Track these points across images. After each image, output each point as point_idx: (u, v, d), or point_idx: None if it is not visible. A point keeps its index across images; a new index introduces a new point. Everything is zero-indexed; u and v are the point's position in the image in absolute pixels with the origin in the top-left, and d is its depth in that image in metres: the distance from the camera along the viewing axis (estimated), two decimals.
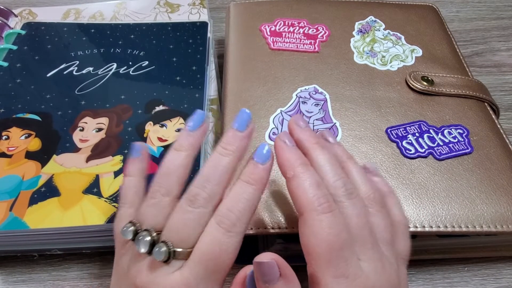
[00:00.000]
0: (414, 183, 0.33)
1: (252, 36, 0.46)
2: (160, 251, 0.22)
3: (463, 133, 0.37)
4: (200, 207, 0.24)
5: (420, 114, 0.38)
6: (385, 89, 0.41)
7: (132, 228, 0.24)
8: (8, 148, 0.37)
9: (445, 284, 0.35)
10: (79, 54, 0.46)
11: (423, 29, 0.47)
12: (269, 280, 0.22)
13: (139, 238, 0.23)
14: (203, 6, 0.54)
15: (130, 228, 0.24)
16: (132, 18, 0.53)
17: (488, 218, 0.32)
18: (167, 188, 0.25)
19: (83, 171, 0.35)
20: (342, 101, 0.39)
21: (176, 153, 0.26)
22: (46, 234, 0.32)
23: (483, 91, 0.41)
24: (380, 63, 0.43)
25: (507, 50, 0.55)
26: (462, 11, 0.61)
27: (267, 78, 0.41)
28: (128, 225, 0.24)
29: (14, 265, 0.35)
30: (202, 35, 0.48)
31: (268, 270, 0.22)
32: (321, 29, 0.47)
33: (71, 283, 0.34)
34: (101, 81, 0.43)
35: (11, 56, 0.45)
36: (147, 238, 0.23)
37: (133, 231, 0.24)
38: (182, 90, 0.42)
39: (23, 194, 0.33)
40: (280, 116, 0.38)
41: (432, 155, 0.35)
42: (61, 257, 0.36)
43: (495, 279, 0.35)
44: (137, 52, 0.46)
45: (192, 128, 0.27)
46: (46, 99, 0.41)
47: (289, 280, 0.23)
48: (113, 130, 0.38)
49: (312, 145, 0.26)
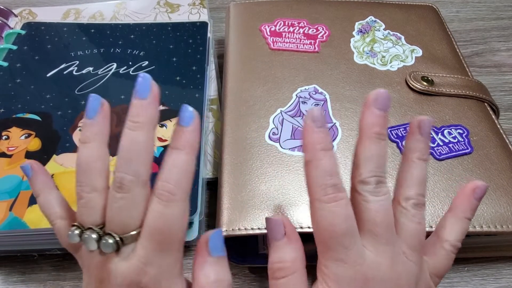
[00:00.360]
0: None
1: (252, 36, 0.46)
2: (107, 244, 0.22)
3: (463, 133, 0.37)
4: (130, 190, 0.23)
5: (420, 114, 0.38)
6: (385, 89, 0.41)
7: (76, 231, 0.24)
8: (8, 148, 0.37)
9: (445, 284, 0.35)
10: (79, 54, 0.46)
11: (423, 29, 0.48)
12: (274, 236, 0.24)
13: (85, 237, 0.23)
14: (203, 6, 0.54)
15: (75, 231, 0.24)
16: (132, 18, 0.53)
17: (488, 218, 0.32)
18: (90, 184, 0.24)
19: None
20: (342, 101, 0.39)
21: (85, 147, 0.24)
22: (46, 234, 0.32)
23: (483, 91, 0.41)
24: (380, 63, 0.43)
25: (507, 50, 0.55)
26: (462, 11, 0.61)
27: (267, 78, 0.41)
28: (72, 229, 0.24)
29: (14, 265, 0.35)
30: (202, 35, 0.48)
31: (274, 227, 0.24)
32: (321, 29, 0.47)
33: (71, 283, 0.34)
34: (101, 81, 0.43)
35: (11, 56, 0.45)
36: (93, 235, 0.23)
37: (79, 234, 0.24)
38: (182, 90, 0.42)
39: (23, 194, 0.33)
40: (280, 116, 0.38)
41: (432, 155, 0.35)
42: (61, 257, 0.36)
43: (495, 279, 0.35)
44: (137, 52, 0.46)
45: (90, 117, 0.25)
46: (46, 99, 0.41)
47: (291, 240, 0.24)
48: (113, 130, 0.38)
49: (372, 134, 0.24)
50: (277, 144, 0.36)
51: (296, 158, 0.35)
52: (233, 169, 0.34)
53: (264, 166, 0.34)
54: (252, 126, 0.37)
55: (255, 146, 0.36)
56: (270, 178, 0.34)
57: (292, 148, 0.36)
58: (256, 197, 0.32)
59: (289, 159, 0.35)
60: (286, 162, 0.35)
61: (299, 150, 0.35)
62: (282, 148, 0.36)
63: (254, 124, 0.37)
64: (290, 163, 0.34)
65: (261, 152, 0.35)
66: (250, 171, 0.34)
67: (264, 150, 0.35)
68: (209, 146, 0.41)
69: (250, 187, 0.33)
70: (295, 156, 0.35)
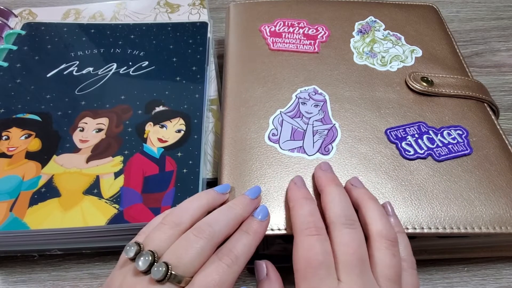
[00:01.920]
0: (413, 184, 0.34)
1: (252, 37, 0.46)
2: (158, 270, 0.23)
3: (463, 134, 0.37)
4: (205, 238, 0.25)
5: (419, 115, 0.38)
6: (385, 90, 0.41)
7: (135, 247, 0.25)
8: (8, 149, 0.37)
9: (445, 284, 0.35)
10: (79, 54, 0.46)
11: (423, 29, 0.47)
12: (258, 276, 0.29)
13: (140, 257, 0.24)
14: (203, 6, 0.54)
15: (134, 247, 0.25)
16: (132, 18, 0.53)
17: (487, 219, 0.32)
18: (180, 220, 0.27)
19: (83, 171, 0.35)
20: (341, 102, 0.39)
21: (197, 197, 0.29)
22: (46, 234, 0.32)
23: (483, 91, 0.41)
24: (380, 63, 0.43)
25: (507, 50, 0.55)
26: (462, 11, 0.61)
27: (267, 78, 0.41)
28: (131, 244, 0.25)
29: (14, 265, 0.35)
30: (202, 35, 0.48)
31: (259, 268, 0.29)
32: (321, 30, 0.47)
33: (71, 283, 0.34)
34: (101, 81, 0.43)
35: (11, 56, 0.45)
36: (147, 257, 0.24)
37: (136, 251, 0.25)
38: (182, 91, 0.42)
39: (23, 195, 0.33)
40: (279, 117, 0.38)
41: (431, 156, 0.35)
42: (61, 257, 0.36)
43: (495, 279, 0.35)
44: (137, 52, 0.46)
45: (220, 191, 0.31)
46: (46, 99, 0.41)
47: (271, 281, 0.28)
48: (113, 130, 0.38)
49: (329, 182, 0.31)
50: (276, 145, 0.36)
51: (296, 159, 0.35)
52: (232, 170, 0.34)
53: (264, 167, 0.34)
54: (252, 127, 0.37)
55: (255, 147, 0.36)
56: (269, 179, 0.34)
57: (292, 149, 0.36)
58: None
59: (288, 160, 0.35)
60: (285, 163, 0.35)
61: (298, 151, 0.35)
62: (281, 149, 0.36)
63: (254, 125, 0.37)
64: (290, 164, 0.35)
65: (260, 153, 0.35)
66: (249, 172, 0.34)
67: (264, 151, 0.35)
68: (209, 146, 0.41)
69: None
70: (295, 157, 0.35)
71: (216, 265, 0.25)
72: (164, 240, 0.26)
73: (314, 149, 0.36)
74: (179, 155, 0.37)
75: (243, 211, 0.29)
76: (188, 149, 0.37)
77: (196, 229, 0.26)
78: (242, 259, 0.26)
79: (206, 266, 0.25)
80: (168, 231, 0.26)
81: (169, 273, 0.24)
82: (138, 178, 0.35)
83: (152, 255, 0.24)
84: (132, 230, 0.32)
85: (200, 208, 0.28)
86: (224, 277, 0.25)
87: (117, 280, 0.25)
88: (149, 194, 0.34)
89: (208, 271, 0.25)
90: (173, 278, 0.24)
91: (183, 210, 0.28)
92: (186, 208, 0.28)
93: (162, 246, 0.25)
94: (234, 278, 0.25)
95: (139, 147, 0.37)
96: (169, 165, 0.36)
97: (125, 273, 0.25)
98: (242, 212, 0.29)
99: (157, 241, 0.26)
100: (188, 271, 0.24)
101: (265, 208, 0.30)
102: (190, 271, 0.24)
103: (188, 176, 0.35)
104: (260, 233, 0.29)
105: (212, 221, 0.27)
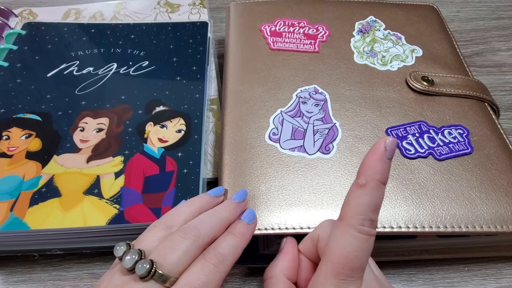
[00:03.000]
0: (414, 183, 0.33)
1: (252, 36, 0.46)
2: (142, 266, 0.24)
3: (463, 133, 0.37)
4: (190, 239, 0.26)
5: (420, 114, 0.38)
6: (385, 89, 0.41)
7: (124, 247, 0.25)
8: (8, 148, 0.37)
9: (445, 284, 0.35)
10: (79, 54, 0.46)
11: (423, 29, 0.47)
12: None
13: (127, 255, 0.24)
14: (203, 6, 0.54)
15: (123, 247, 0.25)
16: (132, 18, 0.53)
17: (488, 218, 0.32)
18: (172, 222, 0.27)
19: (83, 171, 0.35)
20: (342, 101, 0.39)
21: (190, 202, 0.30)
22: (47, 234, 0.32)
23: (483, 91, 0.41)
24: (380, 63, 0.43)
25: (507, 50, 0.55)
26: (463, 11, 0.61)
27: (267, 78, 0.41)
28: (121, 244, 0.26)
29: (14, 265, 0.35)
30: (202, 35, 0.48)
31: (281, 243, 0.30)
32: (321, 29, 0.47)
33: (71, 283, 0.34)
34: (101, 81, 0.43)
35: (11, 56, 0.45)
36: (134, 255, 0.24)
37: (125, 250, 0.25)
38: (183, 90, 0.42)
39: (24, 195, 0.33)
40: (280, 117, 0.38)
41: (432, 155, 0.35)
42: (61, 257, 0.36)
43: (496, 279, 0.35)
44: (137, 52, 0.46)
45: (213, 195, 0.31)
46: (47, 99, 0.41)
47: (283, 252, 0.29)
48: (114, 130, 0.38)
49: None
50: (277, 144, 0.36)
51: (296, 158, 0.35)
52: (233, 170, 0.34)
53: (264, 166, 0.34)
54: (252, 126, 0.37)
55: (255, 147, 0.36)
56: (270, 178, 0.34)
57: (292, 148, 0.36)
58: (256, 197, 0.32)
59: (289, 160, 0.35)
60: (286, 162, 0.35)
61: (299, 151, 0.35)
62: (282, 148, 0.36)
63: (254, 125, 0.37)
64: (290, 164, 0.34)
65: (261, 152, 0.35)
66: (250, 172, 0.34)
67: (264, 151, 0.35)
68: (209, 146, 0.41)
69: (250, 188, 0.33)
70: (295, 156, 0.35)
71: (202, 265, 0.25)
72: (154, 241, 0.26)
73: (314, 148, 0.36)
74: (180, 155, 0.37)
75: (229, 215, 0.29)
76: (189, 149, 0.37)
77: (182, 231, 0.26)
78: (228, 259, 0.26)
79: (192, 266, 0.25)
80: (159, 232, 0.27)
81: (153, 270, 0.24)
82: (139, 178, 0.35)
83: (139, 253, 0.24)
84: (132, 230, 0.32)
85: (193, 212, 0.29)
86: (210, 277, 0.25)
87: (105, 279, 0.26)
88: (149, 194, 0.34)
89: (194, 271, 0.25)
90: (158, 277, 0.24)
91: (175, 214, 0.28)
92: (179, 212, 0.28)
93: (151, 246, 0.26)
94: (220, 278, 0.25)
95: (139, 147, 0.37)
96: (169, 165, 0.36)
97: (114, 272, 0.25)
98: (228, 215, 0.29)
99: (146, 241, 0.26)
100: (173, 271, 0.24)
101: (252, 211, 0.31)
102: (175, 271, 0.24)
103: (189, 176, 0.35)
104: (247, 235, 0.29)
105: (198, 224, 0.27)
